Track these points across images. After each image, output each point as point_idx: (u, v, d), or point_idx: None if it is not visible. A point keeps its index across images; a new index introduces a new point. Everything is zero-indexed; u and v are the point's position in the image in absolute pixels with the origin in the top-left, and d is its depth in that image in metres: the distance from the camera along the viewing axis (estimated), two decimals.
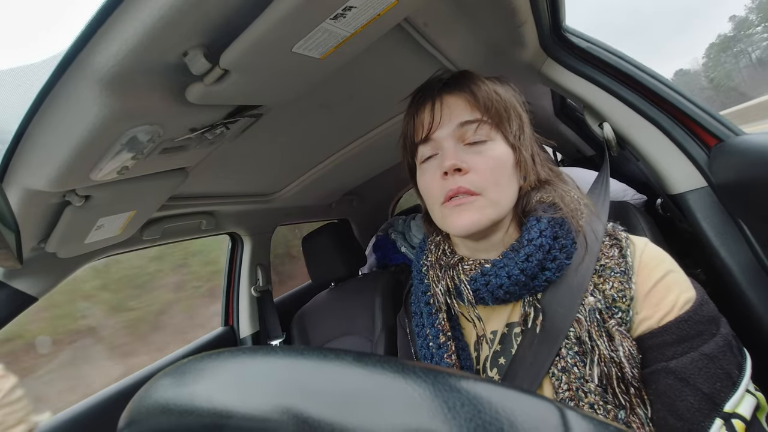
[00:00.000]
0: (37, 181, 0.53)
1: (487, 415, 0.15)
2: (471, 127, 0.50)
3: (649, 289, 0.46)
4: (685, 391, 0.42)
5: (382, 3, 0.47)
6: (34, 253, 0.74)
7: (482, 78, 0.54)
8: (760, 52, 63.79)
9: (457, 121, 0.51)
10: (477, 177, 0.49)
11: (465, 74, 0.55)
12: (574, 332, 0.47)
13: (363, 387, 0.17)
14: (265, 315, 1.45)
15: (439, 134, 0.52)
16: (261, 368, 0.18)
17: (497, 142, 0.51)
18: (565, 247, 0.50)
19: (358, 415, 0.16)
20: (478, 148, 0.51)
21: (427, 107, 0.53)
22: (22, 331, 1.55)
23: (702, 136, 0.74)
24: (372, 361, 0.18)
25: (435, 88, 0.54)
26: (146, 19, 0.37)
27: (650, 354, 0.45)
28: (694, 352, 0.42)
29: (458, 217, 0.49)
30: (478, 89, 0.51)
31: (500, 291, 0.49)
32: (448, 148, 0.50)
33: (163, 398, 0.18)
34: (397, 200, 2.53)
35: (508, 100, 0.52)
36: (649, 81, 0.77)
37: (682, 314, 0.44)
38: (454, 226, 0.50)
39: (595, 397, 0.44)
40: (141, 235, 1.00)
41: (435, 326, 0.55)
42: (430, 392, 0.16)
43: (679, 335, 0.43)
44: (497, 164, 0.50)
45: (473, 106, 0.51)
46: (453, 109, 0.52)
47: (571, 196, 0.54)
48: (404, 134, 0.57)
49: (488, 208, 0.49)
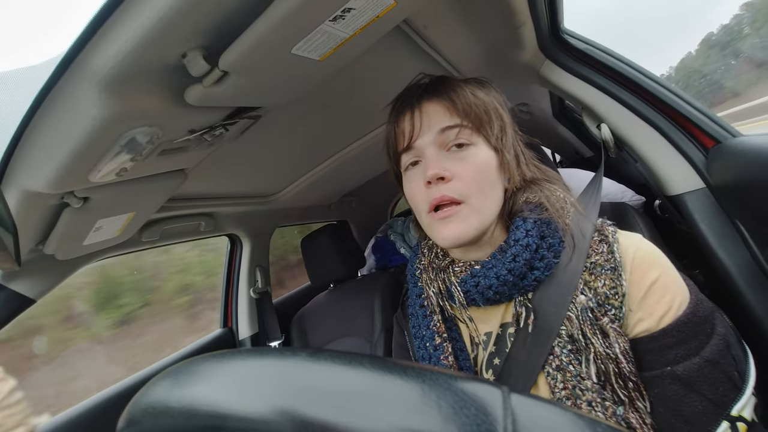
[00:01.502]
0: (35, 183, 0.53)
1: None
2: (451, 132, 0.50)
3: (645, 289, 0.46)
4: (691, 397, 0.41)
5: (381, 4, 0.47)
6: (33, 255, 0.74)
7: (461, 82, 0.54)
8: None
9: (437, 128, 0.51)
10: (460, 184, 0.49)
11: (443, 80, 0.55)
12: (566, 330, 0.47)
13: (345, 386, 0.17)
14: (264, 316, 1.45)
15: (420, 142, 0.52)
16: (260, 370, 0.18)
17: (479, 147, 0.51)
18: (553, 246, 0.50)
19: (347, 413, 0.16)
20: (460, 154, 0.51)
21: (406, 116, 0.53)
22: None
23: (699, 137, 0.75)
24: (357, 360, 0.19)
25: (414, 96, 0.54)
26: (145, 20, 0.37)
27: (650, 356, 0.44)
28: (696, 357, 0.42)
29: (444, 228, 0.50)
30: (456, 95, 0.51)
31: (489, 292, 0.50)
32: (430, 156, 0.51)
33: (162, 399, 0.18)
34: (396, 201, 2.53)
35: (488, 103, 0.52)
36: (647, 83, 0.78)
37: (681, 316, 0.44)
38: (440, 237, 0.51)
39: (592, 394, 0.44)
40: (140, 237, 1.00)
41: (430, 328, 0.56)
42: (414, 389, 0.17)
43: (679, 338, 0.43)
44: (480, 170, 0.50)
45: (452, 111, 0.51)
46: (432, 116, 0.52)
47: (557, 195, 0.54)
48: (387, 143, 0.58)
49: (472, 216, 0.49)
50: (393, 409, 0.16)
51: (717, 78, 54.40)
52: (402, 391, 0.17)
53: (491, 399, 0.17)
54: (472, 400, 0.16)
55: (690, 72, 62.15)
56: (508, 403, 0.16)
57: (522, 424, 0.16)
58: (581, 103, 0.88)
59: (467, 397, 0.16)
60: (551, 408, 0.17)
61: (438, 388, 0.17)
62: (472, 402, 0.16)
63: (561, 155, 2.21)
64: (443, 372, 0.18)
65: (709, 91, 36.59)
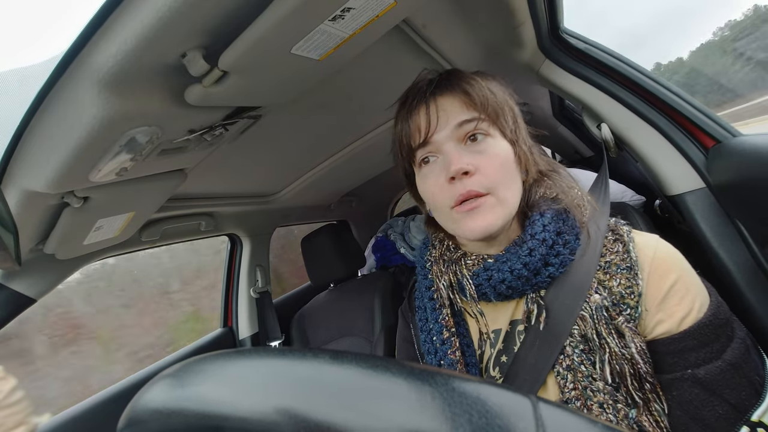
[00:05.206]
0: (35, 183, 0.53)
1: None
2: (469, 125, 0.50)
3: (666, 291, 0.45)
4: (712, 401, 0.41)
5: (381, 4, 0.47)
6: (33, 255, 0.74)
7: (472, 75, 0.53)
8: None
9: (454, 122, 0.50)
10: (484, 177, 0.48)
11: (455, 73, 0.53)
12: (578, 330, 0.46)
13: (359, 387, 0.17)
14: (265, 316, 1.45)
15: (437, 137, 0.50)
16: (260, 370, 0.18)
17: (496, 139, 0.50)
18: (569, 243, 0.49)
19: (355, 415, 0.16)
20: (479, 147, 0.50)
21: (421, 110, 0.51)
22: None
23: (699, 137, 0.74)
24: (369, 361, 0.18)
25: (426, 90, 0.52)
26: (145, 19, 0.37)
27: (670, 359, 0.44)
28: (718, 360, 0.42)
29: (472, 221, 0.48)
30: (471, 87, 0.50)
31: (502, 286, 0.49)
32: (451, 151, 0.49)
33: (162, 400, 0.18)
34: (396, 201, 2.53)
35: (500, 95, 0.52)
36: (647, 82, 0.78)
37: (702, 318, 0.43)
38: (468, 229, 0.49)
39: (604, 396, 0.43)
40: (140, 237, 1.00)
41: (439, 321, 0.55)
42: (425, 391, 0.16)
43: (700, 340, 0.43)
44: (501, 162, 0.49)
45: (469, 105, 0.50)
46: (449, 110, 0.50)
47: (574, 191, 0.54)
48: (398, 140, 0.55)
49: (498, 206, 0.48)
50: (419, 417, 0.16)
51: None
52: (428, 398, 0.16)
53: (521, 409, 0.16)
54: (502, 410, 0.16)
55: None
56: (539, 413, 0.16)
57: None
58: (581, 103, 0.88)
59: (497, 407, 0.16)
60: (579, 419, 0.17)
61: (467, 397, 0.16)
62: (502, 412, 0.16)
63: (561, 155, 2.21)
64: (470, 378, 0.18)
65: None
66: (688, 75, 6.08)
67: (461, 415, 0.15)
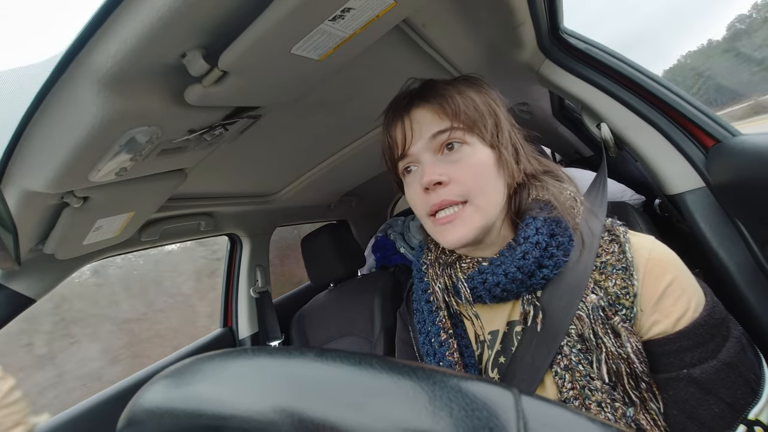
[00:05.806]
0: (35, 183, 0.53)
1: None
2: (443, 136, 0.50)
3: (661, 291, 0.45)
4: (708, 400, 0.41)
5: (381, 4, 0.47)
6: (32, 255, 0.74)
7: (448, 84, 0.54)
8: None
9: (428, 134, 0.51)
10: (457, 186, 0.49)
11: (430, 84, 0.55)
12: (575, 330, 0.46)
13: (342, 383, 0.17)
14: (264, 316, 1.45)
15: (414, 149, 0.52)
16: (259, 369, 0.18)
17: (475, 146, 0.51)
18: (562, 245, 0.50)
19: (354, 413, 0.16)
20: (454, 156, 0.50)
21: (398, 124, 0.54)
22: None
23: (699, 136, 0.74)
24: (353, 358, 0.19)
25: (403, 104, 0.54)
26: (145, 19, 0.37)
27: (666, 359, 0.44)
28: (713, 359, 0.42)
29: (448, 233, 0.50)
30: (443, 98, 0.51)
31: (497, 289, 0.49)
32: (426, 162, 0.51)
33: (161, 400, 0.18)
34: (396, 201, 2.53)
35: (478, 101, 0.52)
36: (647, 82, 0.78)
37: (698, 318, 0.43)
38: (444, 241, 0.51)
39: (602, 395, 0.43)
40: (140, 237, 1.00)
41: (436, 324, 0.56)
42: (407, 386, 0.17)
43: (696, 340, 0.43)
44: (477, 170, 0.50)
45: (442, 115, 0.51)
46: (422, 122, 0.52)
47: (566, 194, 0.54)
48: (383, 152, 0.58)
49: (475, 215, 0.49)
50: (403, 411, 0.16)
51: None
52: (412, 393, 0.17)
53: (502, 401, 0.16)
54: (483, 403, 0.16)
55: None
56: (520, 406, 0.16)
57: (533, 428, 0.16)
58: (581, 103, 0.88)
59: (478, 400, 0.16)
60: (563, 411, 0.17)
61: (449, 390, 0.17)
62: (483, 405, 0.16)
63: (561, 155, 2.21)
64: (453, 373, 0.18)
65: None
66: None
67: (442, 408, 0.16)
